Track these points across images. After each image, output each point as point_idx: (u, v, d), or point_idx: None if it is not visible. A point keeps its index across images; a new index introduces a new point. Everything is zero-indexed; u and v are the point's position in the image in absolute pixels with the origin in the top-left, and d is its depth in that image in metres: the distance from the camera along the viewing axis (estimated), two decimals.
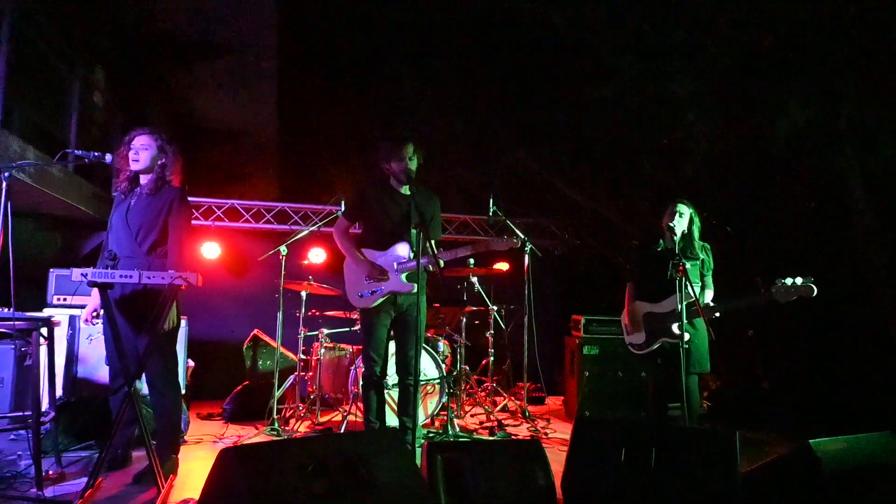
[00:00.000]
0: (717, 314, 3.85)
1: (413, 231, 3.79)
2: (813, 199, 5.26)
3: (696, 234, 4.09)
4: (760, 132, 4.63)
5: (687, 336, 3.71)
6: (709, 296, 4.05)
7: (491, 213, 5.80)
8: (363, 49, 6.92)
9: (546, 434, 5.07)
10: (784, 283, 3.61)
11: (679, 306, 3.65)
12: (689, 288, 3.62)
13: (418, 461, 2.85)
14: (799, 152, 4.79)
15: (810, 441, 2.84)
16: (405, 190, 3.89)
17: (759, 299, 3.75)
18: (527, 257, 5.64)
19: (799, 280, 3.58)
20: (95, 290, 3.51)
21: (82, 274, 3.07)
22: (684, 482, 2.72)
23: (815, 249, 5.27)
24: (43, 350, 3.54)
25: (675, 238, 3.93)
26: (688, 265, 3.75)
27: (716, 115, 4.65)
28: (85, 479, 3.16)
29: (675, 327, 3.85)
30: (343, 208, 5.31)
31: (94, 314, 3.61)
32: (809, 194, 5.13)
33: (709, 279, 4.10)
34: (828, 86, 4.49)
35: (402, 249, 3.82)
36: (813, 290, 3.57)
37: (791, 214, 5.26)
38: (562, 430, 5.27)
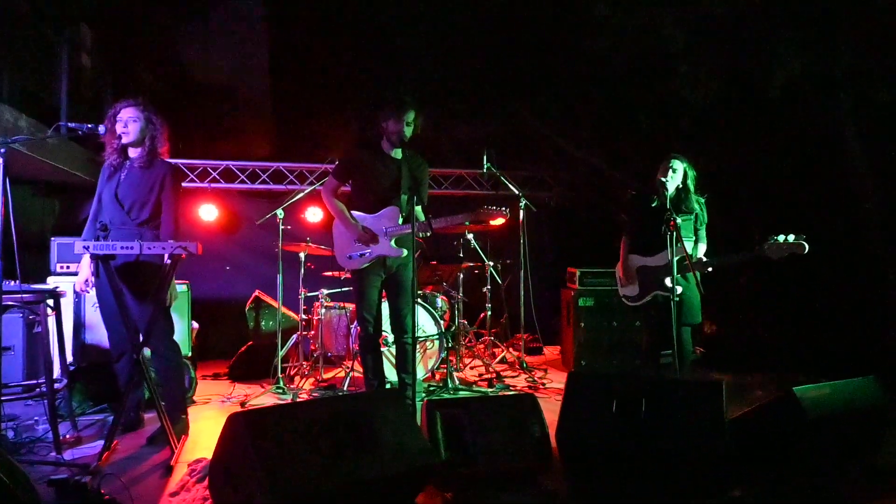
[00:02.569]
0: (710, 269, 3.93)
1: (403, 197, 3.83)
2: (808, 148, 5.27)
3: (692, 187, 4.13)
4: (756, 81, 4.60)
5: (679, 289, 3.80)
6: (701, 250, 4.11)
7: (485, 170, 5.82)
8: (357, 2, 6.80)
9: (543, 384, 5.23)
10: (776, 240, 3.65)
11: (671, 260, 3.72)
12: (681, 242, 3.69)
13: (419, 416, 2.98)
14: (794, 101, 4.77)
15: (793, 388, 2.95)
16: (396, 154, 3.91)
17: (752, 255, 3.79)
18: (521, 212, 5.69)
19: (791, 237, 3.62)
20: (86, 259, 3.57)
21: (84, 246, 3.14)
22: (673, 431, 2.85)
23: (810, 198, 5.31)
24: (51, 320, 3.63)
25: (666, 193, 3.96)
26: (679, 220, 3.80)
27: (710, 65, 4.61)
28: (100, 442, 3.31)
29: (667, 280, 3.93)
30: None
31: (87, 283, 3.65)
32: (804, 143, 5.14)
33: (702, 233, 4.15)
34: (824, 32, 4.44)
35: (392, 213, 3.86)
36: (804, 248, 3.61)
37: (786, 164, 5.28)
38: (559, 380, 5.42)
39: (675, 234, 3.70)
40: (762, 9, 4.40)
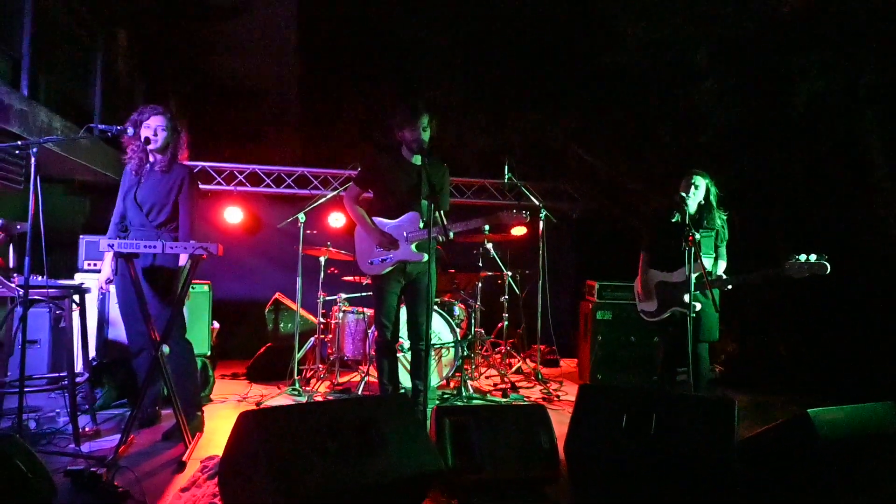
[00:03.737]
0: (729, 287, 3.89)
1: (423, 202, 3.87)
2: (832, 164, 5.19)
3: (714, 203, 4.11)
4: (779, 98, 4.56)
5: (698, 306, 3.78)
6: (721, 267, 4.09)
7: (506, 180, 5.83)
8: (381, 13, 6.89)
9: (558, 396, 5.21)
10: (798, 259, 3.60)
11: (690, 276, 3.70)
12: (700, 259, 3.68)
13: (429, 423, 3.00)
14: (818, 116, 4.71)
15: (808, 410, 2.91)
16: (416, 160, 3.95)
17: (772, 274, 3.74)
18: (541, 222, 5.69)
19: (813, 257, 3.57)
20: (108, 257, 3.68)
21: (109, 244, 3.23)
22: (682, 448, 2.82)
23: (834, 215, 5.23)
24: (76, 315, 3.74)
25: (686, 209, 3.94)
26: (699, 236, 3.78)
27: (733, 80, 4.58)
28: (118, 436, 3.39)
29: (685, 297, 3.91)
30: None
31: (108, 280, 3.76)
32: (828, 159, 5.07)
33: (722, 250, 4.13)
34: (849, 47, 4.39)
35: (412, 219, 3.90)
36: (826, 268, 3.56)
37: (809, 180, 5.21)
38: (573, 393, 5.37)
39: (693, 250, 3.68)
40: (786, 24, 4.36)
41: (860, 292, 5.39)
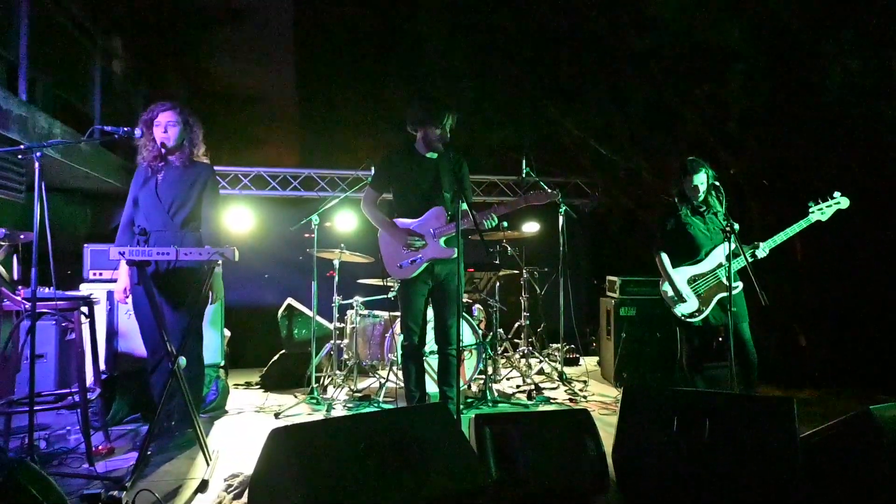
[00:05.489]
0: (766, 252, 3.82)
1: (446, 195, 3.70)
2: (860, 154, 5.02)
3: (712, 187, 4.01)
4: (810, 84, 4.38)
5: (740, 285, 3.78)
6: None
7: (524, 174, 5.65)
8: (387, 6, 6.70)
9: (585, 397, 5.03)
10: (816, 205, 3.80)
11: (729, 260, 3.61)
12: (739, 248, 3.57)
13: (463, 428, 2.82)
14: (849, 103, 4.54)
15: (871, 407, 2.74)
16: (432, 154, 3.78)
17: (801, 224, 3.81)
18: (561, 218, 5.51)
19: (829, 199, 3.81)
20: (124, 267, 3.50)
21: (120, 252, 3.05)
22: (741, 452, 2.65)
23: (864, 206, 5.05)
24: (85, 328, 3.55)
25: (698, 196, 3.92)
26: (736, 226, 3.67)
27: (762, 66, 4.39)
28: (134, 454, 3.21)
29: (722, 278, 3.85)
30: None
31: (125, 292, 3.59)
32: (859, 147, 4.89)
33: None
34: (882, 34, 4.22)
35: (438, 213, 3.72)
36: (846, 201, 3.81)
37: (837, 170, 5.03)
38: (599, 392, 5.23)
39: (732, 238, 3.55)
40: (819, 7, 4.18)
41: (882, 284, 5.23)
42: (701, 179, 3.94)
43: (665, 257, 4.09)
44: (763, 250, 3.82)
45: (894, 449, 2.67)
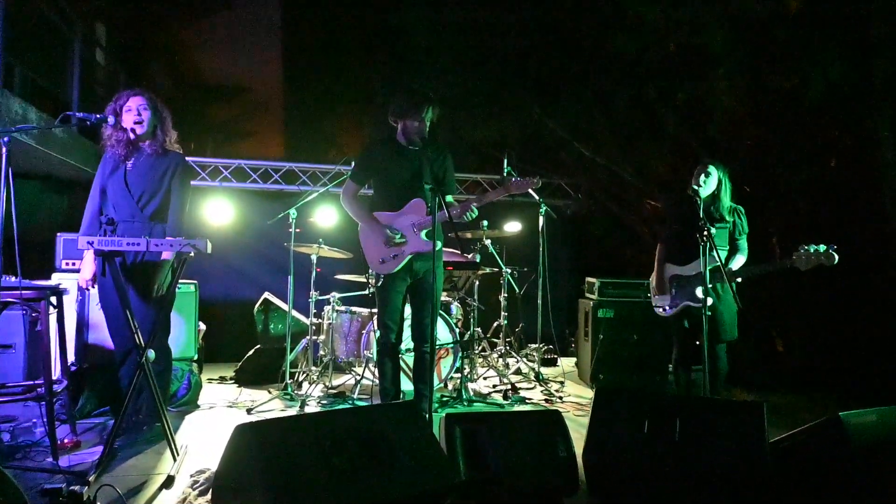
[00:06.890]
0: (739, 279, 3.76)
1: (427, 187, 3.66)
2: (839, 159, 5.07)
3: (725, 196, 3.98)
4: (791, 88, 4.41)
5: (710, 301, 3.63)
6: (740, 261, 3.96)
7: (505, 174, 5.64)
8: (371, 4, 6.66)
9: (560, 398, 5.03)
10: (806, 249, 3.50)
11: (703, 271, 3.55)
12: (715, 252, 3.52)
13: (435, 428, 2.80)
14: (829, 109, 4.58)
15: (840, 413, 2.76)
16: (415, 145, 3.74)
17: (780, 265, 3.65)
18: (541, 218, 5.50)
19: (822, 247, 3.47)
20: (89, 255, 3.43)
21: (88, 242, 2.98)
22: (710, 455, 2.65)
23: (840, 212, 5.11)
24: (53, 318, 3.48)
25: (699, 200, 3.79)
26: (713, 230, 3.64)
27: (745, 69, 4.41)
28: (99, 448, 3.14)
29: (698, 291, 3.77)
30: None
31: (91, 281, 3.52)
32: (836, 154, 4.94)
33: (742, 242, 4.03)
34: (863, 39, 4.25)
35: (417, 206, 3.68)
36: (834, 258, 3.45)
37: (816, 175, 5.08)
38: (576, 394, 5.23)
39: (708, 244, 3.53)
40: (800, 14, 4.21)
41: (862, 288, 5.28)
42: (702, 181, 3.92)
43: (661, 249, 4.16)
44: (737, 279, 3.77)
45: (861, 455, 2.69)
